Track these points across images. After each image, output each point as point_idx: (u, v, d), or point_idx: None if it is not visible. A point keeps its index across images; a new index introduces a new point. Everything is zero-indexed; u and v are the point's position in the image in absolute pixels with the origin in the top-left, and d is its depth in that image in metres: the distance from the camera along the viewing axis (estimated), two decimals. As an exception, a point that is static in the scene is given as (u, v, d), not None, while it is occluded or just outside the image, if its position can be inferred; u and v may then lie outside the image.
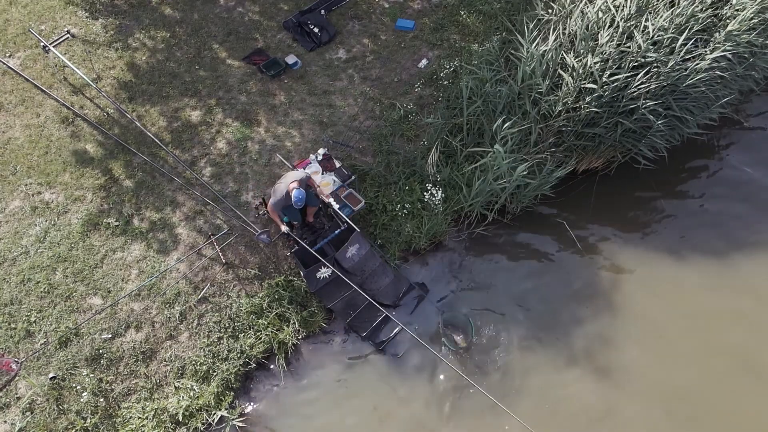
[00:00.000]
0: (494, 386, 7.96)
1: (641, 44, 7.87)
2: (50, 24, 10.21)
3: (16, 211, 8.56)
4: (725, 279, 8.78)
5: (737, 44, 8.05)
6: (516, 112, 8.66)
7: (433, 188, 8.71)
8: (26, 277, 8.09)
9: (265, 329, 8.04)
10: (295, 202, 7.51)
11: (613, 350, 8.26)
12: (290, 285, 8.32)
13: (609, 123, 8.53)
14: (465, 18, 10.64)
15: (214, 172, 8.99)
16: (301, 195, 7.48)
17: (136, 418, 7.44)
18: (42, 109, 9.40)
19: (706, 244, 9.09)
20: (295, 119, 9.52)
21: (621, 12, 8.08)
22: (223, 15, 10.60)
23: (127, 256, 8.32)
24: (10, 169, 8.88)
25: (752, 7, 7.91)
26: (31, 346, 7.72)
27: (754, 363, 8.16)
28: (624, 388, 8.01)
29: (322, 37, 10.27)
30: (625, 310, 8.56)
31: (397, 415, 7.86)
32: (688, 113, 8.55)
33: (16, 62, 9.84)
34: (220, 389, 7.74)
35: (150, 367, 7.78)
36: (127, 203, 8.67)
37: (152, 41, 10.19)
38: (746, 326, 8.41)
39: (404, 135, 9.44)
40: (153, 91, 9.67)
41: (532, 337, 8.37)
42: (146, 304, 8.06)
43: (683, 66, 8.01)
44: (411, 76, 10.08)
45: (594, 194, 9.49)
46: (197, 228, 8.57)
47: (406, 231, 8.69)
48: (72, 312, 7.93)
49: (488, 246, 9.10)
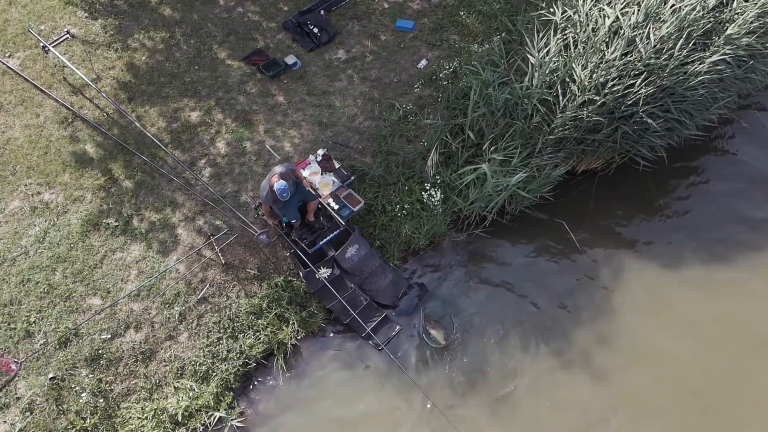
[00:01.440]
0: (494, 386, 7.99)
1: (644, 53, 7.83)
2: (50, 24, 10.20)
3: (16, 212, 8.56)
4: (726, 280, 8.79)
5: (737, 47, 8.04)
6: (518, 116, 8.62)
7: (432, 189, 8.72)
8: (26, 277, 8.10)
9: (265, 329, 8.05)
10: (279, 194, 7.38)
11: (612, 351, 8.26)
12: (290, 285, 8.33)
13: (609, 128, 8.51)
14: (464, 18, 10.64)
15: (214, 173, 8.99)
16: (283, 186, 7.35)
17: (136, 418, 7.45)
18: (41, 110, 9.39)
19: (706, 245, 9.10)
20: (294, 120, 9.52)
21: (628, 20, 7.96)
22: (223, 15, 10.59)
23: (127, 257, 8.33)
24: (9, 169, 8.88)
25: (753, 10, 7.88)
26: (30, 346, 7.73)
27: (753, 366, 8.16)
28: (623, 388, 8.02)
29: (321, 37, 10.27)
30: (624, 310, 8.56)
31: (397, 415, 7.87)
32: (686, 116, 8.54)
33: (16, 62, 9.84)
34: (220, 389, 7.75)
35: (149, 368, 7.79)
36: (126, 204, 8.67)
37: (152, 41, 10.18)
38: (746, 328, 8.42)
39: (404, 135, 9.45)
40: (152, 91, 9.67)
41: (531, 337, 8.38)
42: (146, 304, 8.07)
43: (682, 70, 7.98)
44: (410, 76, 10.08)
45: (593, 195, 9.49)
46: (197, 228, 8.58)
47: (405, 232, 8.70)
48: (71, 312, 7.94)
49: (487, 247, 9.10)
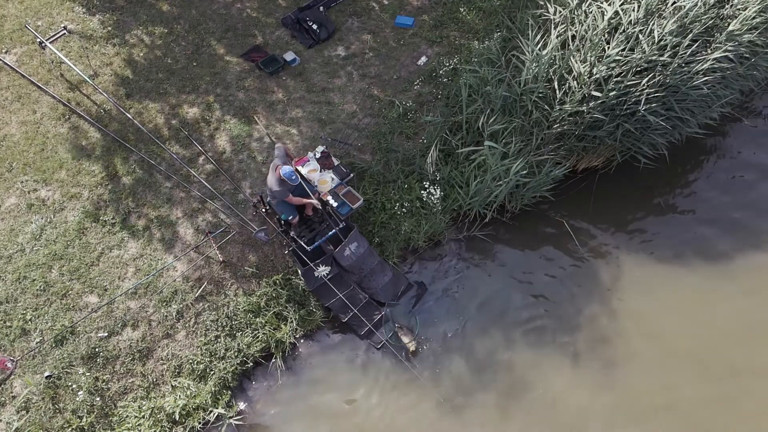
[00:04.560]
0: (497, 382, 7.97)
1: (647, 50, 7.78)
2: (47, 20, 10.13)
3: (12, 209, 8.50)
4: (726, 279, 8.74)
5: (738, 44, 8.00)
6: (517, 114, 8.59)
7: (432, 187, 8.66)
8: (22, 274, 8.04)
9: (263, 328, 8.00)
10: (288, 178, 7.49)
11: (612, 350, 8.21)
12: (288, 283, 8.28)
13: (611, 126, 8.47)
14: (465, 15, 10.58)
15: (212, 170, 8.93)
16: (288, 170, 7.51)
17: (133, 417, 7.40)
18: (38, 106, 9.33)
19: (706, 243, 9.06)
20: (293, 116, 9.46)
21: (628, 16, 7.96)
22: (222, 11, 10.53)
23: (124, 254, 8.27)
24: (6, 166, 8.81)
25: (754, 6, 7.84)
26: (26, 344, 7.67)
27: (753, 368, 8.10)
28: (621, 389, 7.97)
29: (320, 34, 10.21)
30: (624, 309, 8.52)
31: (397, 414, 7.83)
32: (688, 113, 8.50)
33: (13, 58, 9.77)
34: (218, 388, 7.70)
35: (146, 366, 7.73)
36: (124, 200, 8.61)
37: (150, 37, 10.12)
38: (746, 328, 8.37)
39: (403, 133, 9.39)
40: (150, 87, 9.61)
41: (531, 336, 8.33)
42: (143, 302, 8.01)
43: (685, 69, 7.94)
44: (410, 73, 10.03)
45: (594, 193, 9.45)
46: (195, 226, 8.52)
47: (404, 229, 8.65)
48: (68, 310, 7.88)
49: (487, 244, 9.06)
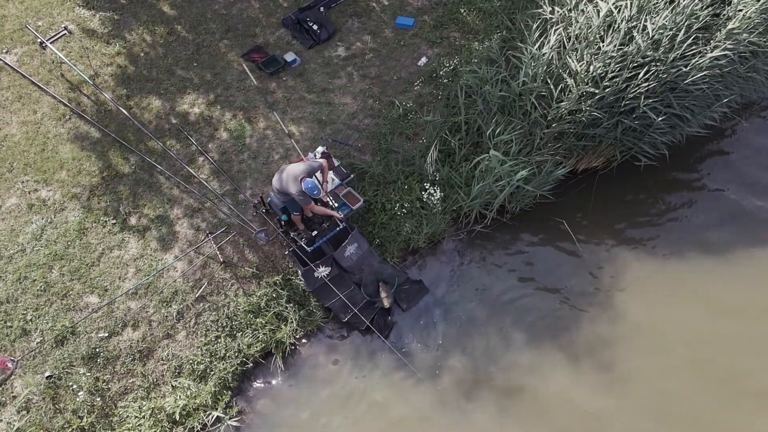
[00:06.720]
0: (497, 382, 7.96)
1: (641, 45, 7.81)
2: (47, 20, 10.14)
3: (13, 209, 8.50)
4: (726, 280, 8.72)
5: (738, 43, 8.01)
6: (516, 114, 8.59)
7: (432, 187, 8.66)
8: (22, 275, 8.04)
9: (263, 328, 8.00)
10: (311, 193, 7.51)
11: (612, 350, 8.20)
12: (288, 284, 8.28)
13: (610, 123, 8.48)
14: (465, 15, 10.59)
15: (212, 170, 8.93)
16: (313, 184, 7.52)
17: (133, 417, 7.40)
18: (39, 106, 9.33)
19: (707, 244, 9.04)
20: (293, 117, 9.46)
21: (622, 13, 8.01)
22: (222, 11, 10.53)
23: (124, 254, 8.27)
24: (6, 166, 8.81)
25: (753, 6, 7.85)
26: (27, 344, 7.67)
27: (753, 371, 8.08)
28: (620, 390, 7.96)
29: (321, 34, 10.21)
30: (624, 310, 8.50)
31: (397, 414, 7.83)
32: (688, 112, 8.50)
33: (13, 58, 9.77)
34: (218, 388, 7.70)
35: (147, 366, 7.74)
36: (124, 201, 8.62)
37: (150, 37, 10.12)
38: (747, 329, 8.35)
39: (403, 133, 9.39)
40: (151, 87, 9.61)
41: (532, 335, 8.32)
42: (143, 302, 8.02)
43: (683, 63, 7.95)
44: (410, 74, 10.03)
45: (594, 193, 9.44)
46: (195, 226, 8.52)
47: (404, 230, 8.65)
48: (68, 310, 7.88)
49: (487, 245, 9.05)
